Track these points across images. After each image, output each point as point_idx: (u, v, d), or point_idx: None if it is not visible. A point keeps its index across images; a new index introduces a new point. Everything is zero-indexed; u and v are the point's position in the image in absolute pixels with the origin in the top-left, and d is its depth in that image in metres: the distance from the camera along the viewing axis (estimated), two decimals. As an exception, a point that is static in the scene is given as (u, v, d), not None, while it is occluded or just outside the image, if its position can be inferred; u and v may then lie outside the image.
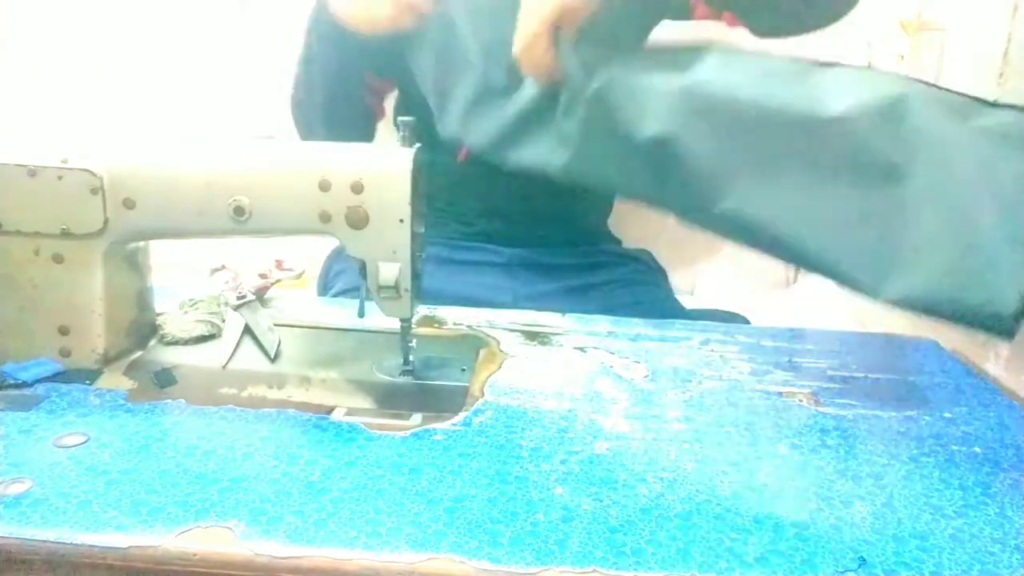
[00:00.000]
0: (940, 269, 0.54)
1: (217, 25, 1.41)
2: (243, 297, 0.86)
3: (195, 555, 0.48)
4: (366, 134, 1.09)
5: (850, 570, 0.48)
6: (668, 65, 0.65)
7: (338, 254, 1.15)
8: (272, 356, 0.77)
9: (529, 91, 0.73)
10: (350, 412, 0.66)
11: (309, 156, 0.69)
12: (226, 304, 0.85)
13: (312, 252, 1.14)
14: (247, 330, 0.81)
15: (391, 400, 0.69)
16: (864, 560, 0.49)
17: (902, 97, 0.57)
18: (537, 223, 1.08)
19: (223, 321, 0.82)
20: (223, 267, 0.91)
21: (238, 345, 0.78)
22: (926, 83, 0.59)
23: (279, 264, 0.95)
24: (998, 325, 0.52)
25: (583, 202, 1.13)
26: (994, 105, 0.56)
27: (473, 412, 0.67)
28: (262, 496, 0.53)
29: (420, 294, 0.74)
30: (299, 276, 0.97)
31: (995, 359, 0.82)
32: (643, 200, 0.70)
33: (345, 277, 1.09)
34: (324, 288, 1.13)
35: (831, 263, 0.58)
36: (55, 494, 0.52)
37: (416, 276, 0.72)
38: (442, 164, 1.01)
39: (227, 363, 0.75)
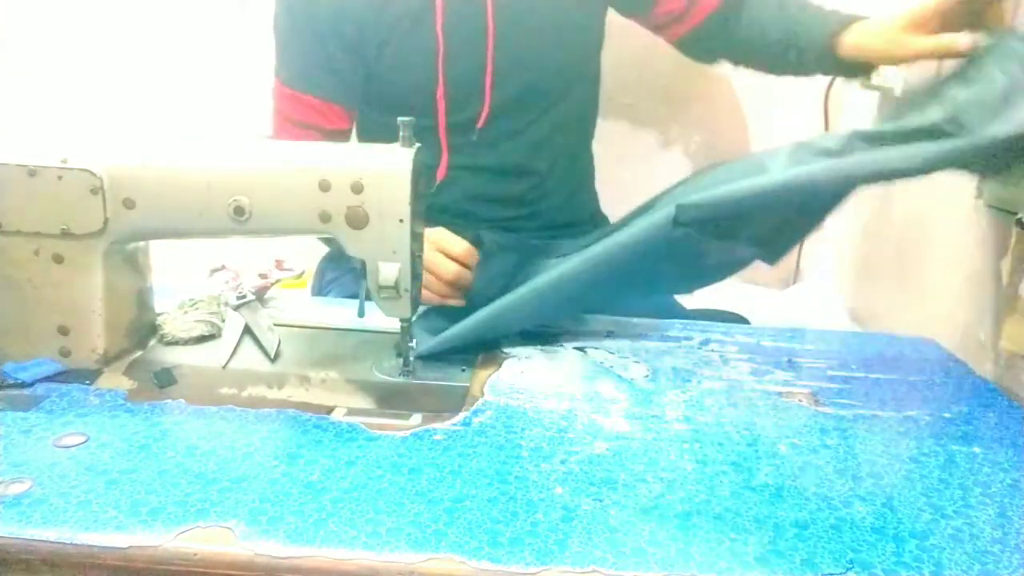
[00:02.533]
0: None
1: (217, 25, 1.40)
2: (243, 297, 0.86)
3: (195, 555, 0.48)
4: None
5: (843, 571, 0.48)
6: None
7: (331, 259, 1.15)
8: (272, 356, 0.77)
9: None
10: (350, 412, 0.66)
11: (309, 156, 0.69)
12: (226, 304, 0.85)
13: (312, 252, 1.14)
14: (247, 330, 0.81)
15: (391, 400, 0.69)
16: (852, 563, 0.49)
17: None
18: (529, 218, 1.09)
19: (223, 321, 0.82)
20: (223, 267, 0.91)
21: (238, 345, 0.79)
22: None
23: (279, 264, 0.95)
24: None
25: (574, 193, 1.14)
26: None
27: (473, 412, 0.67)
28: (262, 496, 0.53)
29: (419, 294, 0.74)
30: (299, 276, 0.97)
31: (995, 359, 0.82)
32: None
33: (339, 287, 1.08)
34: (318, 293, 1.13)
35: None
36: (55, 494, 0.52)
37: (416, 276, 0.72)
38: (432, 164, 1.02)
39: (227, 363, 0.75)
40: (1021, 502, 0.57)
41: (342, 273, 1.10)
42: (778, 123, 1.40)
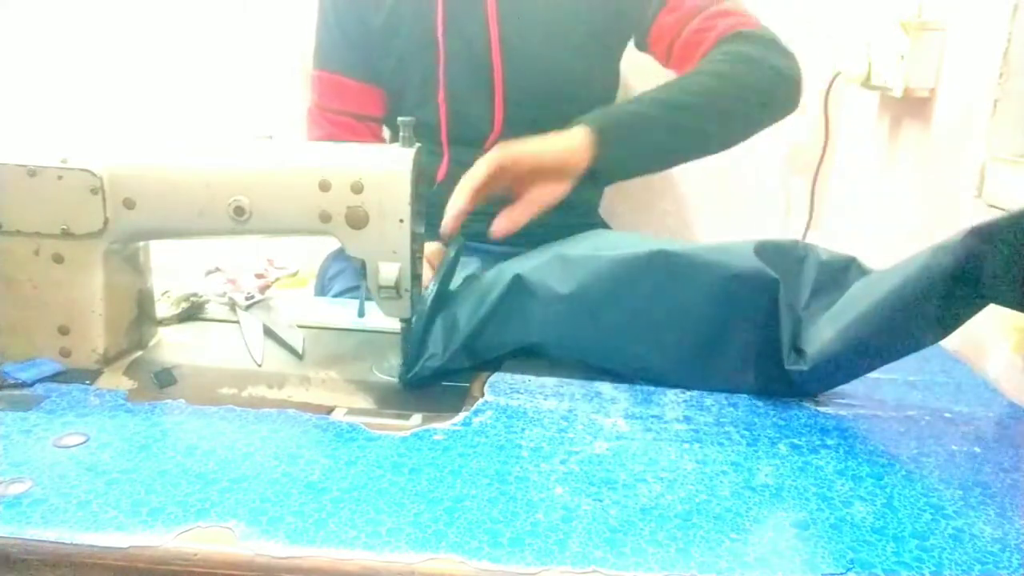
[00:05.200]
0: None
1: (218, 25, 1.41)
2: (251, 297, 0.86)
3: (195, 555, 0.48)
4: None
5: (843, 571, 0.48)
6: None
7: (334, 257, 1.16)
8: (301, 353, 0.77)
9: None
10: (350, 412, 0.66)
11: (309, 156, 0.69)
12: (234, 305, 0.85)
13: (305, 250, 1.14)
14: (267, 330, 0.81)
15: (391, 400, 0.69)
16: (852, 563, 0.49)
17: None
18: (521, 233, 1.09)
19: (204, 302, 0.85)
20: (217, 269, 0.91)
21: (254, 343, 0.79)
22: None
23: (271, 262, 0.95)
24: None
25: (575, 193, 1.13)
26: None
27: (473, 412, 0.67)
28: (262, 496, 0.53)
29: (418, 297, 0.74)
30: (295, 275, 0.97)
31: (995, 359, 0.82)
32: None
33: (342, 278, 1.09)
34: (322, 291, 1.14)
35: None
36: (55, 494, 0.52)
37: (416, 276, 0.72)
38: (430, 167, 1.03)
39: (262, 362, 0.76)
40: (1021, 502, 0.57)
41: (343, 268, 1.10)
42: (779, 123, 1.40)
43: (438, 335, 0.73)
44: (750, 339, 0.71)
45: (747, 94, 0.91)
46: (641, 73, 1.15)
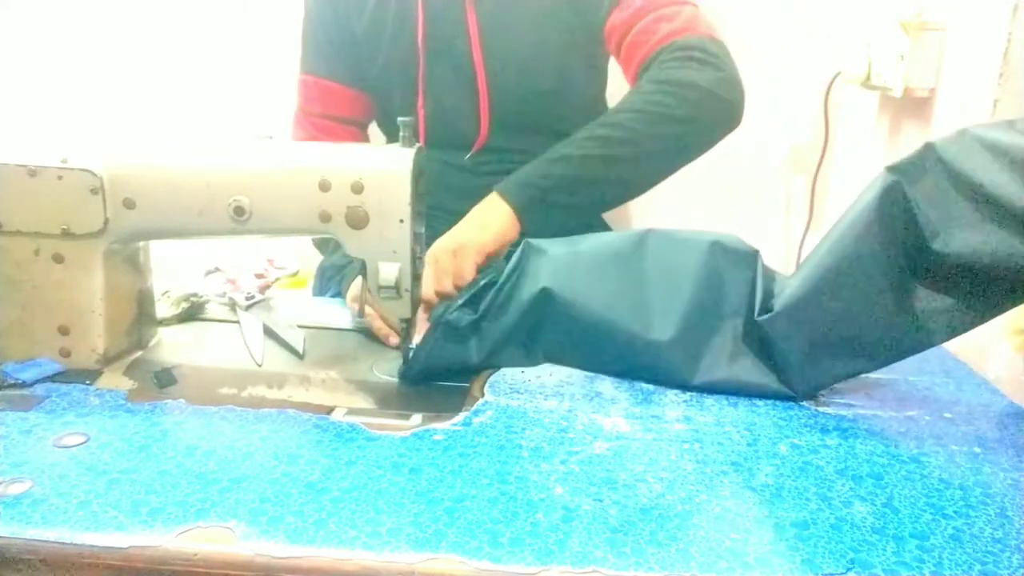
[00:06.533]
0: None
1: (218, 26, 1.41)
2: (252, 297, 0.86)
3: (195, 555, 0.48)
4: None
5: (843, 571, 0.48)
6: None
7: (329, 266, 1.16)
8: (301, 353, 0.77)
9: None
10: (350, 412, 0.66)
11: (309, 156, 0.69)
12: (234, 305, 0.85)
13: (305, 250, 1.14)
14: (267, 329, 0.81)
15: (391, 400, 0.69)
16: (852, 563, 0.49)
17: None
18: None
19: (204, 302, 0.85)
20: (216, 269, 0.91)
21: (254, 343, 0.79)
22: None
23: (271, 262, 0.95)
24: None
25: None
26: None
27: (473, 412, 0.67)
28: (262, 496, 0.53)
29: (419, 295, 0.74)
30: (295, 275, 0.97)
31: (995, 359, 0.82)
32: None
33: (337, 284, 1.09)
34: (320, 292, 1.14)
35: None
36: (55, 494, 0.52)
37: (416, 276, 0.72)
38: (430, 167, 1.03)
39: (262, 362, 0.76)
40: (1021, 502, 0.57)
41: (336, 272, 1.10)
42: (779, 123, 1.41)
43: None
44: (738, 324, 0.73)
45: (672, 129, 0.88)
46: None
